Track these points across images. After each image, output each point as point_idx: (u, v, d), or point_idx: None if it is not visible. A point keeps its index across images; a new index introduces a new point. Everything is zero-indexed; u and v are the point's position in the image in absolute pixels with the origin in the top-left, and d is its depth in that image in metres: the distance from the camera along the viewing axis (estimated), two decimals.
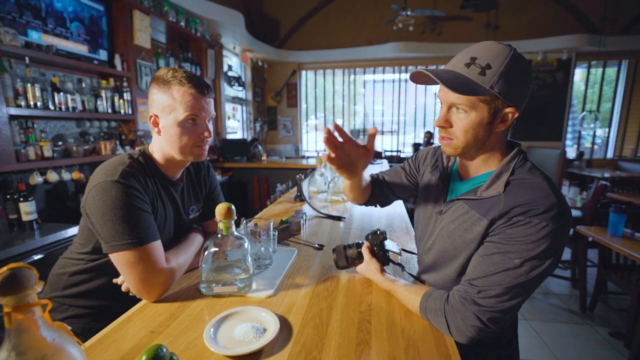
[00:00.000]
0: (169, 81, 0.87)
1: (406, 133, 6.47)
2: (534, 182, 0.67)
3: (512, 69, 0.64)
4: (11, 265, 0.35)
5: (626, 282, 2.10)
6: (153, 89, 0.89)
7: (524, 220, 0.64)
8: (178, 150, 0.91)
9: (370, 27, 5.79)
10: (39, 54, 2.00)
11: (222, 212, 0.83)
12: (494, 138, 0.72)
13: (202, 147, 0.94)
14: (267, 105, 6.49)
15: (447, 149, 0.75)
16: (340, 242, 1.26)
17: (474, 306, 0.66)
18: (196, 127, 0.91)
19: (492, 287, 0.66)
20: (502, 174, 0.71)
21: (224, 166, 4.16)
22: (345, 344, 0.67)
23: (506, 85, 0.64)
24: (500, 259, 0.66)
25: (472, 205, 0.73)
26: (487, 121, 0.68)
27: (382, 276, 0.87)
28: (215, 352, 0.63)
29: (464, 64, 0.67)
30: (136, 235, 0.80)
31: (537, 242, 0.63)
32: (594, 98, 5.72)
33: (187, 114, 0.87)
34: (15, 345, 0.35)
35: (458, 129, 0.70)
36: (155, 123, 0.91)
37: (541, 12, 5.38)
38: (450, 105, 0.70)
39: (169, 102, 0.87)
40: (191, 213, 1.09)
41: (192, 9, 3.55)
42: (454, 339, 0.69)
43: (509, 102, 0.66)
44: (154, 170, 0.94)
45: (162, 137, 0.91)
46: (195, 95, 0.88)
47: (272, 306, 0.80)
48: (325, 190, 2.10)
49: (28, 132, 2.00)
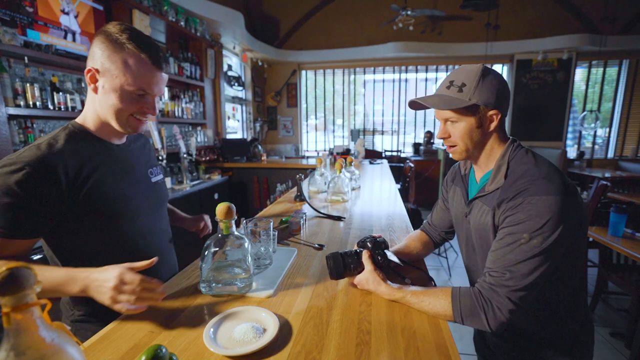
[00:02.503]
0: (122, 43, 0.78)
1: (406, 133, 6.47)
2: (526, 166, 0.78)
3: (483, 82, 0.80)
4: (10, 265, 0.35)
5: (627, 282, 2.09)
6: (99, 44, 0.79)
7: (522, 200, 0.73)
8: (115, 119, 0.83)
9: (370, 27, 5.79)
10: (38, 53, 2.00)
11: (223, 211, 0.83)
12: (490, 138, 0.85)
13: (142, 121, 0.87)
14: (267, 105, 6.49)
15: (455, 155, 0.88)
16: (340, 242, 1.26)
17: (504, 289, 0.72)
18: (142, 100, 0.83)
19: (512, 266, 0.72)
20: (500, 167, 0.82)
21: (224, 166, 4.16)
22: (345, 344, 0.66)
23: (481, 95, 0.79)
24: (512, 239, 0.73)
25: (484, 201, 0.84)
26: (477, 125, 0.82)
27: (389, 286, 0.82)
28: (214, 352, 0.63)
29: (445, 87, 0.84)
30: None
31: (539, 215, 0.70)
32: (594, 98, 5.71)
33: (136, 87, 0.80)
34: (14, 345, 0.35)
35: (456, 137, 0.85)
36: (94, 79, 0.81)
37: (542, 12, 5.38)
38: (445, 119, 0.86)
39: (117, 66, 0.78)
40: (153, 176, 1.02)
41: (191, 8, 3.55)
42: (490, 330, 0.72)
43: (488, 106, 0.80)
44: (85, 138, 0.85)
45: (98, 97, 0.83)
46: (151, 68, 0.80)
47: (272, 306, 0.80)
48: (325, 190, 2.10)
49: (27, 132, 2.00)
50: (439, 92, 0.85)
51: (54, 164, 0.76)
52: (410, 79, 6.25)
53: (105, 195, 0.84)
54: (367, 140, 6.41)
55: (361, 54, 5.76)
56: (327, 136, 6.83)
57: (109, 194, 0.85)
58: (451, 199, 1.04)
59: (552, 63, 5.48)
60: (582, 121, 4.96)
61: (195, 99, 3.94)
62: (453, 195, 1.02)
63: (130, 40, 0.78)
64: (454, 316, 0.74)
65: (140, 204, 0.93)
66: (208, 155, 4.01)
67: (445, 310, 0.74)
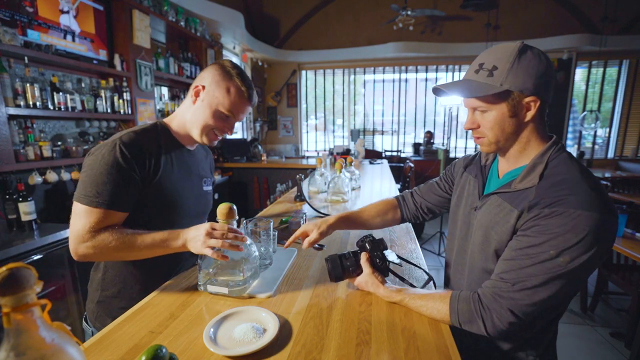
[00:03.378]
0: (232, 75, 0.96)
1: (406, 133, 6.47)
2: (569, 172, 0.68)
3: (519, 63, 0.69)
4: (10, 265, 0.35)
5: (627, 282, 2.10)
6: (214, 71, 0.96)
7: (558, 210, 0.64)
8: (199, 130, 0.97)
9: (370, 27, 5.79)
10: (38, 53, 2.00)
11: (224, 212, 0.83)
12: (526, 130, 0.74)
13: (217, 136, 1.01)
14: (267, 105, 6.49)
15: (484, 147, 0.79)
16: (340, 242, 1.26)
17: (508, 301, 0.66)
18: (226, 120, 0.98)
19: (527, 279, 0.65)
20: (536, 166, 0.72)
21: (224, 166, 4.16)
22: (345, 344, 0.66)
23: (516, 79, 0.68)
24: (535, 251, 0.65)
25: (504, 198, 0.75)
26: (510, 114, 0.72)
27: (387, 289, 0.81)
28: (215, 353, 0.63)
29: (473, 71, 0.74)
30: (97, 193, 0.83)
31: (573, 231, 0.62)
32: (594, 98, 5.72)
33: (229, 109, 0.96)
34: (14, 346, 0.34)
35: (485, 127, 0.75)
36: (198, 94, 0.97)
37: (542, 12, 5.38)
38: (472, 108, 0.76)
39: (222, 91, 0.95)
40: (205, 185, 1.13)
41: (191, 8, 3.55)
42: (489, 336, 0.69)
43: (524, 92, 0.69)
44: (167, 136, 1.00)
45: (194, 108, 0.97)
46: (244, 100, 0.97)
47: (272, 306, 0.80)
48: (325, 190, 2.10)
49: (27, 132, 2.00)
50: (467, 76, 0.76)
51: (145, 149, 0.91)
52: (410, 79, 6.25)
53: (166, 188, 0.95)
54: (367, 140, 6.41)
55: (361, 54, 5.76)
56: (327, 136, 6.83)
57: (169, 189, 0.96)
58: (461, 187, 0.94)
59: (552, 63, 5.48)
60: (582, 121, 4.96)
61: None
62: (464, 185, 0.92)
63: (239, 75, 0.97)
64: (451, 320, 0.72)
65: (190, 206, 1.04)
66: None
67: (443, 314, 0.73)
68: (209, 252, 0.80)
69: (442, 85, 0.76)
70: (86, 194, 0.83)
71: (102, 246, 0.83)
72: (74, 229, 0.84)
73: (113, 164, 0.84)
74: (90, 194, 0.83)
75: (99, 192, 0.83)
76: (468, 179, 0.92)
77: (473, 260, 0.83)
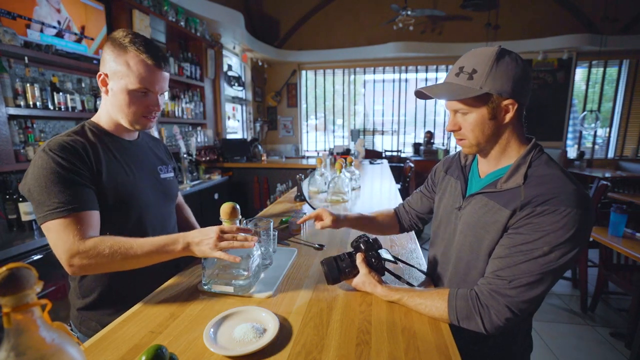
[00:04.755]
0: (125, 46, 0.84)
1: (406, 133, 6.47)
2: (553, 173, 0.71)
3: (497, 67, 0.71)
4: (10, 265, 0.35)
5: (627, 282, 2.10)
6: (107, 49, 0.86)
7: (550, 208, 0.66)
8: (124, 117, 0.90)
9: (370, 27, 5.79)
10: (38, 53, 2.00)
11: (227, 211, 0.83)
12: (506, 131, 0.77)
13: (149, 119, 0.93)
14: (267, 105, 6.49)
15: (465, 149, 0.82)
16: (340, 242, 1.26)
17: (505, 298, 0.69)
18: (146, 98, 0.89)
19: (522, 276, 0.68)
20: (520, 166, 0.75)
21: (224, 166, 4.16)
22: (345, 344, 0.66)
23: (495, 82, 0.71)
24: (529, 248, 0.68)
25: (491, 197, 0.77)
26: (489, 117, 0.74)
27: (385, 288, 0.82)
28: (215, 353, 0.63)
29: (454, 74, 0.77)
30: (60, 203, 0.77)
31: (564, 228, 0.65)
32: (594, 98, 5.71)
33: (139, 85, 0.85)
34: (15, 346, 0.34)
35: (466, 129, 0.78)
36: (104, 82, 0.88)
37: (542, 12, 5.37)
38: (454, 111, 0.79)
39: (122, 68, 0.84)
40: (162, 173, 1.06)
41: (191, 8, 3.55)
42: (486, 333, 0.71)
43: (503, 95, 0.72)
44: (100, 133, 0.92)
45: (109, 99, 0.90)
46: (151, 67, 0.86)
47: (272, 306, 0.80)
48: (325, 190, 2.10)
49: (27, 132, 2.00)
50: (448, 79, 0.78)
51: (78, 150, 0.84)
52: (410, 79, 6.25)
53: (116, 185, 0.90)
54: (367, 140, 6.41)
55: (361, 54, 5.75)
56: (327, 136, 6.83)
57: (120, 185, 0.90)
58: (442, 189, 0.97)
59: (552, 63, 5.48)
60: (582, 121, 4.96)
61: (195, 99, 3.94)
62: (446, 186, 0.95)
63: (133, 42, 0.85)
64: (449, 318, 0.73)
65: (148, 197, 0.98)
66: (208, 156, 4.01)
67: (442, 312, 0.74)
68: (221, 254, 0.78)
69: (424, 89, 0.78)
70: (50, 209, 0.77)
71: (96, 254, 0.77)
72: (58, 249, 0.78)
73: (54, 169, 0.78)
74: (54, 206, 0.77)
75: (61, 201, 0.77)
76: (450, 181, 0.95)
77: (459, 259, 0.84)
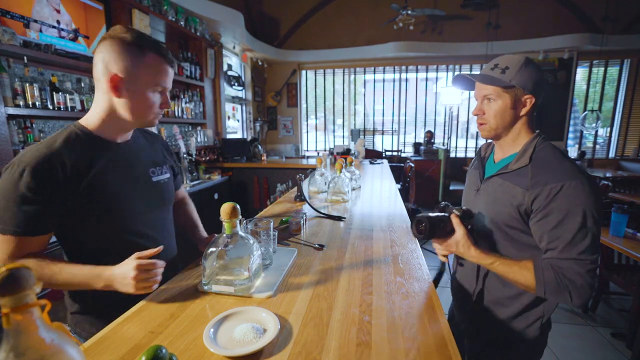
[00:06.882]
0: (142, 47, 0.84)
1: (407, 133, 6.46)
2: (553, 155, 0.87)
3: (525, 68, 0.88)
4: (9, 266, 0.35)
5: (628, 282, 2.09)
6: (118, 48, 0.82)
7: (567, 185, 0.79)
8: (140, 117, 0.90)
9: (371, 27, 5.79)
10: (37, 53, 2.00)
11: (227, 211, 0.83)
12: (519, 122, 0.92)
13: (158, 116, 0.95)
14: (267, 105, 6.48)
15: (483, 132, 0.96)
16: (340, 242, 1.26)
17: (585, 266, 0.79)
18: (162, 95, 0.92)
19: (581, 243, 0.79)
20: (526, 150, 0.90)
21: (224, 166, 4.16)
22: (346, 345, 0.66)
23: (522, 79, 0.87)
24: (570, 222, 0.79)
25: (505, 178, 0.91)
26: (511, 106, 0.89)
27: (479, 250, 0.87)
28: (215, 353, 0.63)
29: (489, 69, 0.93)
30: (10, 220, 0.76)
31: (586, 197, 0.78)
32: (595, 97, 5.70)
33: (158, 85, 0.89)
34: (14, 346, 0.34)
35: (490, 115, 0.92)
36: (116, 85, 0.84)
37: (542, 11, 5.37)
38: (483, 97, 0.93)
39: (142, 69, 0.85)
40: (154, 175, 1.02)
41: (191, 8, 3.55)
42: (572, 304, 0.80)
43: (526, 90, 0.88)
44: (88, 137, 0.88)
45: (122, 100, 0.86)
46: (167, 68, 0.90)
47: (272, 306, 0.80)
48: (325, 190, 2.10)
49: (26, 131, 2.00)
50: (483, 72, 0.94)
51: (52, 163, 0.79)
52: (411, 79, 6.25)
53: (101, 192, 0.86)
54: (367, 140, 6.41)
55: (361, 54, 5.75)
56: (327, 136, 6.82)
57: (106, 191, 0.87)
58: (467, 180, 1.12)
59: (553, 62, 5.47)
60: (583, 121, 4.96)
61: (195, 99, 3.94)
62: (469, 177, 1.10)
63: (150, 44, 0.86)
64: (536, 289, 0.81)
65: (135, 204, 0.93)
66: (208, 155, 4.01)
67: (530, 282, 0.82)
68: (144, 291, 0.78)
69: (466, 74, 0.95)
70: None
71: None
72: None
73: (20, 193, 0.76)
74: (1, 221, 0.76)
75: (10, 219, 0.76)
76: (472, 173, 1.10)
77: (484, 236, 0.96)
